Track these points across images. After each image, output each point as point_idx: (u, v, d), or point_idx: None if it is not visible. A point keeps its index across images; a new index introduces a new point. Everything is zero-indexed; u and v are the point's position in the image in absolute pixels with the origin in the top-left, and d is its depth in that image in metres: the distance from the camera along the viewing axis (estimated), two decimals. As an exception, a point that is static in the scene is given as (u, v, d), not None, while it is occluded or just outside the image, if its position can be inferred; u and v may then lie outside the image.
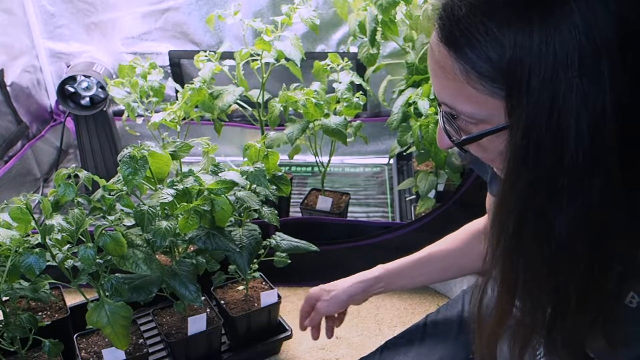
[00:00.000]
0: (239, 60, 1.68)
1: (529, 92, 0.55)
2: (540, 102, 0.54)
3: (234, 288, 1.44)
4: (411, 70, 1.77)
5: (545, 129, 0.54)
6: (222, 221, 1.20)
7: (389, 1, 1.64)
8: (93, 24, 2.16)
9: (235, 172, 1.21)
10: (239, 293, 1.42)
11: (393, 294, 1.70)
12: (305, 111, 1.59)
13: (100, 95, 1.98)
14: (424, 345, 1.11)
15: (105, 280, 1.13)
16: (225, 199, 1.18)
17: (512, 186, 0.59)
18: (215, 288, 1.43)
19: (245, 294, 1.41)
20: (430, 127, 1.57)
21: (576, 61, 0.53)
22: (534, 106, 0.55)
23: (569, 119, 0.54)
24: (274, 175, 1.32)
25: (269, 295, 1.38)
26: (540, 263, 0.59)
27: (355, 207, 2.07)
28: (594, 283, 0.59)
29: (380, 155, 2.34)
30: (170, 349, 1.33)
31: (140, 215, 1.10)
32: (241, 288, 1.43)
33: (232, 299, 1.40)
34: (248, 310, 1.36)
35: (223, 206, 1.18)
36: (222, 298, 1.40)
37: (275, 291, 1.39)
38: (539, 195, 0.57)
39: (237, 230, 1.27)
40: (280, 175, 1.32)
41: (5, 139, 2.01)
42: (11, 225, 1.10)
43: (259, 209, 1.28)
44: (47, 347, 1.16)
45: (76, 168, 1.13)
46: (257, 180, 1.22)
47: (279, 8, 1.73)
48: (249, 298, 1.41)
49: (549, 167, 0.56)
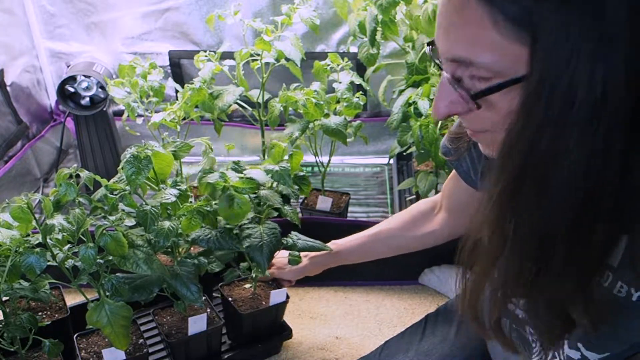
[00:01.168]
0: (239, 60, 1.68)
1: (554, 35, 0.54)
2: (562, 47, 0.54)
3: (240, 286, 1.44)
4: (411, 70, 1.77)
5: (563, 74, 0.54)
6: (238, 219, 1.19)
7: (389, 1, 1.64)
8: (93, 24, 2.16)
9: (259, 171, 1.20)
10: (245, 291, 1.42)
11: (393, 294, 1.70)
12: (305, 111, 1.59)
13: (100, 95, 1.98)
14: (424, 345, 1.11)
15: (106, 280, 1.13)
16: (245, 197, 1.18)
17: (519, 132, 0.58)
18: (223, 285, 1.42)
19: (253, 292, 1.41)
20: (430, 127, 1.57)
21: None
22: (556, 51, 0.54)
23: (585, 65, 0.54)
24: (296, 175, 1.32)
25: (278, 294, 1.37)
26: (534, 209, 0.60)
27: (355, 207, 2.07)
28: (579, 241, 0.59)
29: (380, 155, 2.34)
30: (170, 349, 1.33)
31: (143, 215, 1.10)
32: (248, 286, 1.42)
33: (239, 296, 1.40)
34: (256, 308, 1.36)
35: (242, 205, 1.17)
36: (230, 295, 1.40)
37: (285, 290, 1.38)
38: (545, 141, 0.57)
39: (257, 227, 1.26)
40: (302, 175, 1.33)
41: (5, 139, 2.01)
42: (12, 225, 1.10)
43: (280, 207, 1.28)
44: (47, 347, 1.16)
45: (77, 168, 1.13)
46: (281, 179, 1.21)
47: (279, 8, 1.73)
48: (256, 296, 1.40)
49: (559, 113, 0.56)
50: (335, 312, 1.64)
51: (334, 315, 1.63)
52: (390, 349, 1.13)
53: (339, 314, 1.63)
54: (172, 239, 1.14)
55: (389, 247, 1.29)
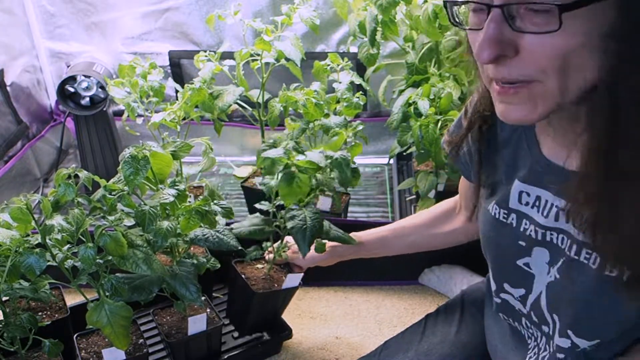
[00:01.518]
0: (239, 60, 1.68)
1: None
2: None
3: (253, 265, 1.41)
4: (411, 70, 1.77)
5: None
6: (295, 196, 1.18)
7: (389, 1, 1.64)
8: (93, 24, 2.16)
9: (319, 155, 1.19)
10: (258, 271, 1.39)
11: (393, 294, 1.70)
12: (305, 111, 1.59)
13: (100, 95, 1.98)
14: (423, 345, 1.11)
15: (105, 280, 1.13)
16: (306, 177, 1.17)
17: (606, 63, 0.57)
18: (237, 262, 1.40)
19: (267, 273, 1.37)
20: (430, 127, 1.57)
21: None
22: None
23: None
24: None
25: (293, 278, 1.34)
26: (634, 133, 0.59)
27: (355, 207, 2.07)
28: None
29: (380, 155, 2.34)
30: (170, 349, 1.34)
31: (142, 216, 1.10)
32: (260, 266, 1.40)
33: (252, 275, 1.37)
34: (269, 289, 1.33)
35: (301, 184, 1.16)
36: (243, 272, 1.37)
37: (301, 275, 1.35)
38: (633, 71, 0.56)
39: (302, 210, 1.25)
40: (355, 167, 1.32)
41: (5, 139, 2.01)
42: (11, 225, 1.10)
43: (333, 194, 1.28)
44: (47, 347, 1.16)
45: (76, 168, 1.13)
46: (339, 167, 1.21)
47: (279, 8, 1.73)
48: (269, 278, 1.37)
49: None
50: (335, 312, 1.64)
51: (334, 315, 1.63)
52: (390, 349, 1.13)
53: (339, 314, 1.63)
54: (170, 238, 1.14)
55: (411, 244, 1.27)
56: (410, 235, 1.26)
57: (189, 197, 1.23)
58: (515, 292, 0.90)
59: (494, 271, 0.94)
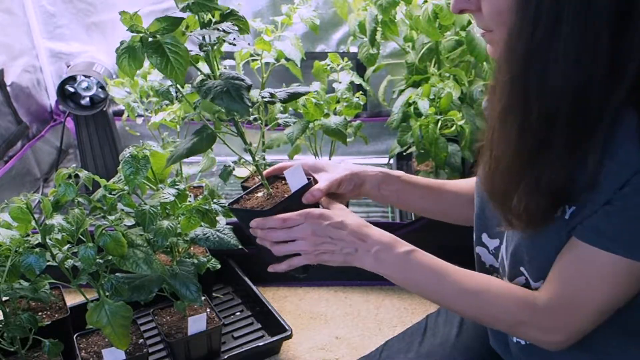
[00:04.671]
0: (239, 60, 1.68)
1: None
2: None
3: (252, 198, 1.36)
4: (411, 70, 1.77)
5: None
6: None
7: (389, 1, 1.64)
8: (93, 24, 2.16)
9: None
10: (258, 199, 1.34)
11: (393, 294, 1.70)
12: (305, 111, 1.59)
13: (100, 95, 1.98)
14: (424, 346, 1.11)
15: (105, 280, 1.13)
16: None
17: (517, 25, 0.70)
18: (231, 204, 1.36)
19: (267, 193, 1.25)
20: (430, 127, 1.57)
21: None
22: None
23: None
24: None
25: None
26: (538, 93, 0.71)
27: (355, 207, 2.07)
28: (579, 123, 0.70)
29: (380, 155, 2.34)
30: (170, 349, 1.34)
31: (142, 215, 1.10)
32: (261, 194, 1.34)
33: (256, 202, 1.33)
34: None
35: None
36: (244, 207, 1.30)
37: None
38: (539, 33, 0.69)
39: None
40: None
41: (5, 139, 2.01)
42: (11, 225, 1.10)
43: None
44: (47, 347, 1.16)
45: (76, 168, 1.13)
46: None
47: (279, 8, 1.73)
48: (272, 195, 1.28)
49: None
50: (335, 312, 1.64)
51: (334, 315, 1.63)
52: (391, 349, 1.13)
53: (339, 314, 1.63)
54: (171, 238, 1.14)
55: (447, 203, 1.12)
56: (451, 194, 1.12)
57: (189, 197, 1.23)
58: (490, 244, 0.94)
59: (477, 217, 0.97)
